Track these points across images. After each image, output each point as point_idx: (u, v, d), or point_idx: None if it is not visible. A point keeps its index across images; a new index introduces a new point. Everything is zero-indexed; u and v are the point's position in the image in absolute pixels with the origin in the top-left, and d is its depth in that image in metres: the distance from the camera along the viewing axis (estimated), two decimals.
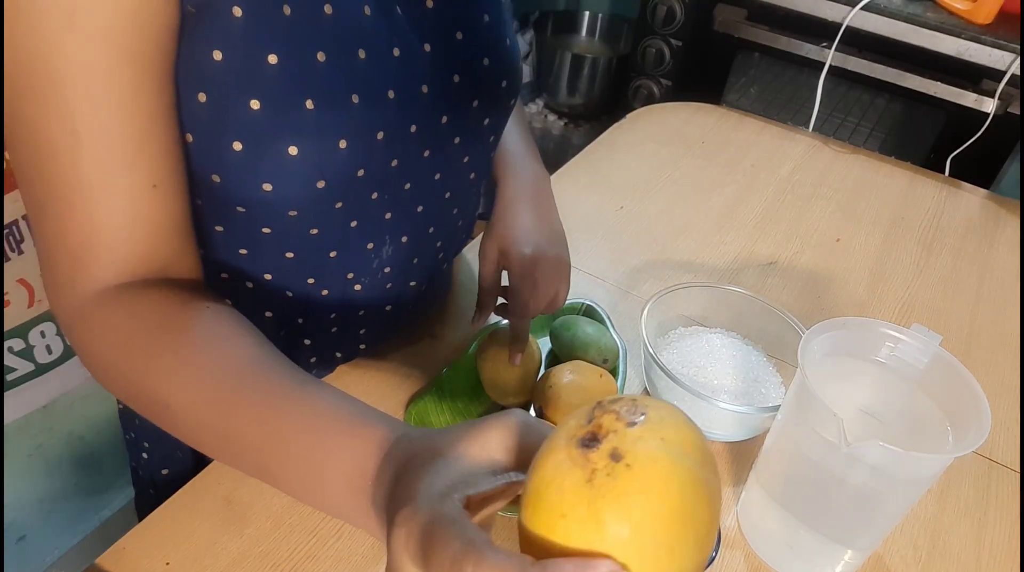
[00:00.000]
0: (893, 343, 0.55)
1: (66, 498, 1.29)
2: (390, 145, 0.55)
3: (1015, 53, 1.32)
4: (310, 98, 0.49)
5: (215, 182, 0.52)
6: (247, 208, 0.54)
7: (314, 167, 0.51)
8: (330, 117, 0.50)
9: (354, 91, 0.51)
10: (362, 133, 0.52)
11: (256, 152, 0.50)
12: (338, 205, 0.56)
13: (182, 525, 0.56)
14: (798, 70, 1.65)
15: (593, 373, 0.65)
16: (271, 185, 0.51)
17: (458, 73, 0.58)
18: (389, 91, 0.53)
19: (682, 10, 1.66)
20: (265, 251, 0.58)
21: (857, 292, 0.89)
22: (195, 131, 0.49)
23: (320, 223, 0.57)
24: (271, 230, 0.56)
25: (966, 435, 0.49)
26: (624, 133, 1.16)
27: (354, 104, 0.51)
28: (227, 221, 0.56)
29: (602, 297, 0.82)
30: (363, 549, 0.56)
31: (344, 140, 0.51)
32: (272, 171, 0.51)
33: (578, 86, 2.00)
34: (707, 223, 0.97)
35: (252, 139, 0.49)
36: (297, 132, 0.49)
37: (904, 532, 0.62)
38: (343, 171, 0.53)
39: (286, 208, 0.54)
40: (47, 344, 1.08)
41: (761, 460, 0.59)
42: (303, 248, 0.58)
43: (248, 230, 0.56)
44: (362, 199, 0.57)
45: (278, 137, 0.49)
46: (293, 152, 0.50)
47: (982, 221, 1.06)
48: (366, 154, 0.54)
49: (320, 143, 0.51)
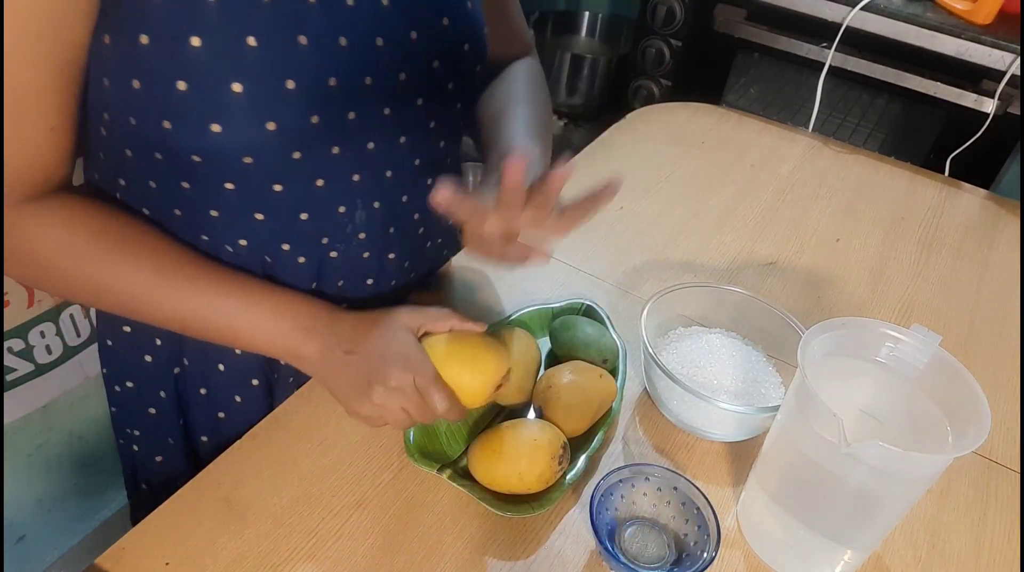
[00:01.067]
0: (893, 343, 0.55)
1: (66, 498, 1.29)
2: (344, 94, 0.55)
3: (1015, 53, 1.32)
4: (252, 35, 0.50)
5: (167, 129, 0.52)
6: (202, 156, 0.54)
7: (261, 107, 0.52)
8: (275, 56, 0.51)
9: (301, 33, 0.51)
10: (312, 76, 0.53)
11: (200, 91, 0.50)
12: (296, 155, 0.56)
13: (182, 525, 0.56)
14: (798, 70, 1.65)
15: (593, 373, 0.65)
16: (219, 126, 0.52)
17: (415, 30, 0.58)
18: (340, 38, 0.54)
19: (682, 10, 1.66)
20: (235, 213, 0.59)
21: (857, 292, 0.89)
22: (141, 76, 0.51)
23: (282, 178, 0.57)
24: (234, 186, 0.57)
25: (966, 435, 0.49)
26: (624, 133, 1.16)
27: (302, 45, 0.52)
28: (190, 175, 0.57)
29: (602, 297, 0.82)
30: (363, 549, 0.56)
31: (292, 81, 0.52)
32: (218, 111, 0.51)
33: (578, 86, 2.00)
34: (707, 223, 0.97)
35: (195, 78, 0.50)
36: (240, 70, 0.50)
37: (904, 532, 0.62)
38: (293, 114, 0.53)
39: (239, 154, 0.54)
40: (47, 344, 1.08)
41: (761, 460, 0.59)
42: (271, 208, 0.59)
43: (212, 186, 0.57)
44: (322, 154, 0.57)
45: (221, 75, 0.50)
46: (237, 90, 0.50)
47: (982, 221, 1.06)
48: (318, 99, 0.54)
49: (265, 81, 0.51)
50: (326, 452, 0.62)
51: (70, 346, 1.12)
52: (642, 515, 0.60)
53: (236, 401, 0.71)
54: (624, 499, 0.59)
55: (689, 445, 0.67)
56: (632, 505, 0.60)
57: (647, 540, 0.59)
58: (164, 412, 0.73)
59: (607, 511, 0.58)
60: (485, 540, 0.58)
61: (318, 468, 0.61)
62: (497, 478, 0.58)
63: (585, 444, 0.63)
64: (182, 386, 0.71)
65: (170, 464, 0.77)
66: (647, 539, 0.59)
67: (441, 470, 0.59)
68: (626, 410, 0.70)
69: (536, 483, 0.58)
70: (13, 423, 1.12)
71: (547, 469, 0.58)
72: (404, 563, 0.56)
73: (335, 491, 0.60)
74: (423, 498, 0.60)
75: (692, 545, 0.56)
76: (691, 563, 0.55)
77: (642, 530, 0.59)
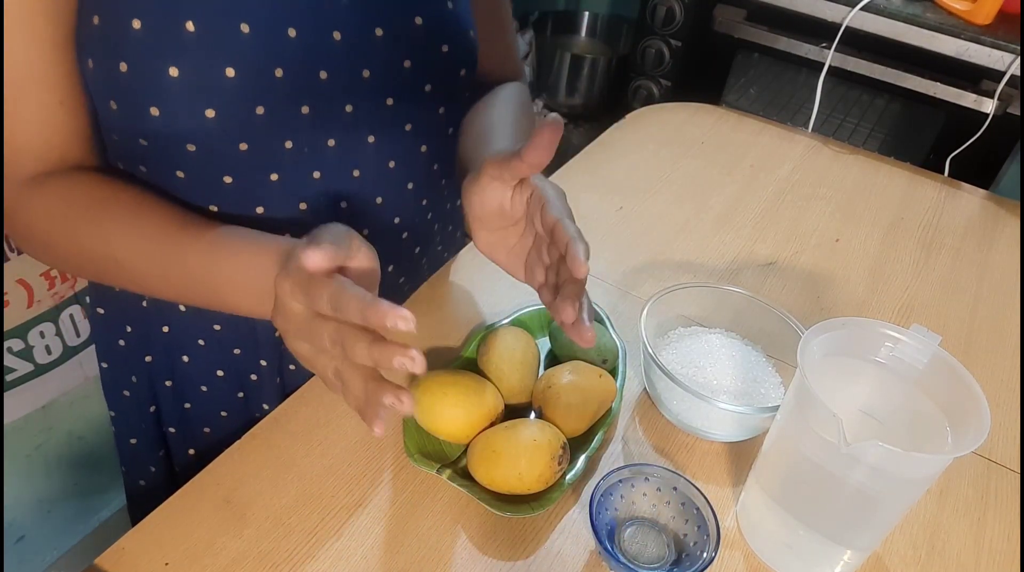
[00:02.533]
0: (892, 343, 0.55)
1: (65, 498, 1.29)
2: (294, 87, 0.54)
3: (1014, 54, 1.32)
4: (191, 19, 0.50)
5: (113, 109, 0.53)
6: (147, 140, 0.55)
7: (198, 92, 0.51)
8: (213, 41, 0.50)
9: (243, 20, 0.51)
10: (254, 65, 0.52)
11: (139, 73, 0.51)
12: (242, 146, 0.55)
13: (181, 525, 0.56)
14: (797, 70, 1.65)
15: (592, 373, 0.65)
16: (157, 109, 0.52)
17: (380, 26, 0.57)
18: (289, 29, 0.53)
19: (682, 10, 1.66)
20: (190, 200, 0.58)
21: (856, 292, 0.89)
22: (93, 56, 0.52)
23: (231, 169, 0.57)
24: (184, 174, 0.57)
25: (965, 435, 0.49)
26: (623, 133, 1.16)
27: (243, 33, 0.51)
28: (143, 159, 0.57)
29: (601, 297, 0.82)
30: (363, 549, 0.56)
31: (232, 68, 0.51)
32: (156, 94, 0.51)
33: (577, 86, 2.00)
34: (706, 223, 0.97)
35: (135, 60, 0.50)
36: (177, 53, 0.50)
37: (903, 532, 0.62)
38: (234, 102, 0.53)
39: (181, 140, 0.54)
40: (46, 344, 1.08)
41: (760, 460, 0.59)
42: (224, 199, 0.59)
43: (164, 172, 0.57)
44: (274, 146, 0.57)
45: (158, 58, 0.50)
46: (173, 73, 0.50)
47: (981, 221, 1.06)
48: (262, 90, 0.53)
49: (202, 67, 0.51)
50: (326, 452, 0.62)
51: (70, 346, 1.12)
52: (642, 515, 0.60)
53: (202, 391, 0.71)
54: (624, 499, 0.59)
55: (689, 445, 0.67)
56: (632, 505, 0.60)
57: (647, 540, 0.59)
58: (136, 396, 0.73)
59: (607, 511, 0.58)
60: (485, 540, 0.58)
61: (318, 468, 0.61)
62: (497, 478, 0.58)
63: (585, 444, 0.63)
64: (152, 374, 0.71)
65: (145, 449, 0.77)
66: (647, 539, 0.59)
67: (441, 470, 0.59)
68: (626, 410, 0.70)
69: (536, 483, 0.58)
70: (13, 423, 1.12)
71: (547, 469, 0.58)
72: (404, 563, 0.56)
73: (335, 491, 0.60)
74: (422, 498, 0.60)
75: (692, 545, 0.56)
76: (691, 563, 0.55)
77: (642, 530, 0.59)
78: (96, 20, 0.50)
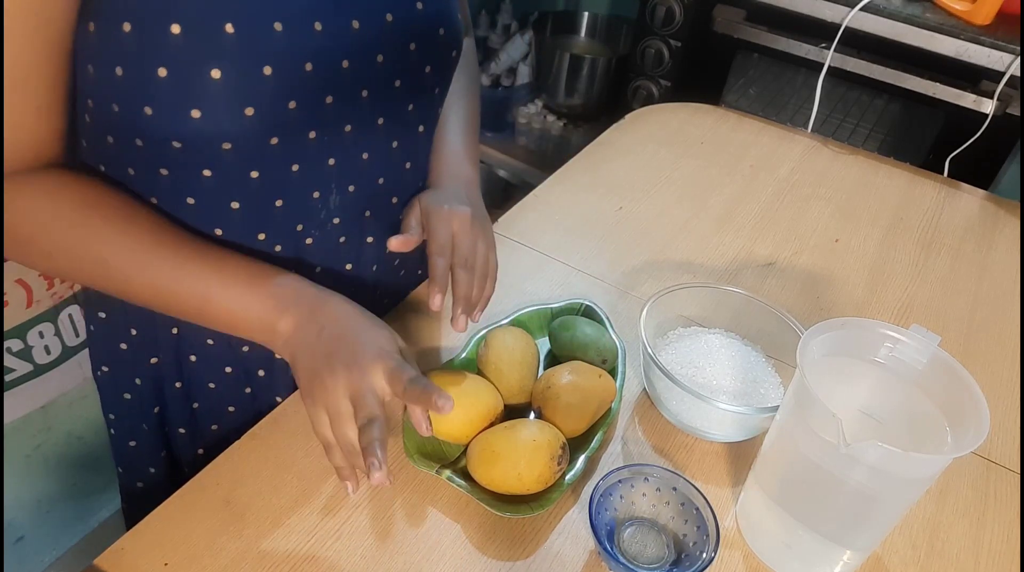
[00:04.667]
0: (892, 343, 0.55)
1: (64, 499, 1.29)
2: (321, 78, 0.56)
3: (1014, 54, 1.32)
4: (230, 21, 0.50)
5: (148, 115, 0.53)
6: (182, 142, 0.55)
7: (239, 92, 0.52)
8: (251, 41, 0.51)
9: (277, 18, 0.52)
10: (288, 61, 0.53)
11: (180, 77, 0.51)
12: (273, 141, 0.56)
13: (180, 526, 0.56)
14: (797, 71, 1.65)
15: (592, 373, 0.65)
16: (199, 111, 0.52)
17: (391, 11, 0.59)
18: (315, 22, 0.54)
19: (681, 11, 1.66)
20: (212, 200, 0.59)
21: (856, 293, 0.89)
22: (123, 63, 0.52)
23: (259, 164, 0.58)
24: (211, 173, 0.57)
25: (965, 435, 0.49)
26: (623, 134, 1.16)
27: (277, 31, 0.52)
28: (169, 162, 0.57)
29: (601, 297, 0.82)
30: (362, 550, 0.56)
31: (269, 66, 0.52)
32: (197, 96, 0.52)
33: (577, 87, 1.99)
34: (706, 223, 0.97)
35: (175, 64, 0.51)
36: (218, 55, 0.51)
37: (903, 532, 0.62)
38: (271, 99, 0.54)
39: (219, 139, 0.55)
40: (45, 344, 1.08)
41: (760, 461, 0.59)
42: (247, 195, 0.59)
43: (190, 173, 0.57)
44: (299, 138, 0.58)
45: (200, 61, 0.51)
46: (216, 75, 0.51)
47: (981, 222, 1.06)
48: (294, 84, 0.54)
49: (243, 67, 0.52)
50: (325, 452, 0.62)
51: (69, 346, 1.12)
52: (641, 515, 0.60)
53: (210, 387, 0.71)
54: (623, 499, 0.59)
55: (688, 445, 0.67)
56: (631, 505, 0.60)
57: (646, 540, 0.59)
58: (139, 399, 0.73)
59: (606, 511, 0.58)
60: (484, 541, 0.58)
61: (317, 468, 0.61)
62: (496, 478, 0.58)
63: (584, 444, 0.63)
64: (159, 376, 0.71)
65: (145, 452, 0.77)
66: (646, 539, 0.59)
67: (440, 470, 0.59)
68: (625, 410, 0.70)
69: (535, 483, 0.58)
70: (12, 423, 1.12)
71: (546, 469, 0.58)
72: (403, 563, 0.55)
73: (334, 491, 0.60)
74: (422, 499, 0.60)
75: (691, 545, 0.56)
76: (690, 563, 0.55)
77: (641, 530, 0.59)
78: (127, 27, 0.50)
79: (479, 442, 0.60)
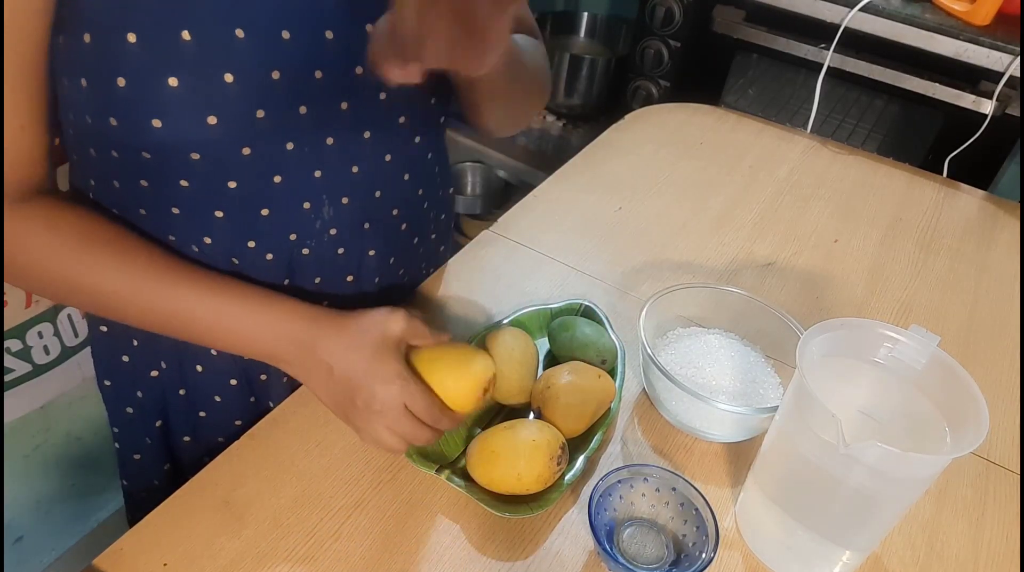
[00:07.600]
0: (891, 344, 0.55)
1: (64, 499, 1.29)
2: (291, 88, 0.55)
3: (1013, 54, 1.32)
4: (186, 29, 0.50)
5: (113, 126, 0.53)
6: (150, 153, 0.55)
7: (199, 101, 0.52)
8: (210, 49, 0.51)
9: (238, 26, 0.51)
10: (251, 69, 0.52)
11: (138, 87, 0.51)
12: (245, 151, 0.56)
13: (180, 526, 0.56)
14: (796, 71, 1.65)
15: (591, 374, 0.65)
16: (159, 121, 0.52)
17: (370, 23, 0.57)
18: (283, 31, 0.53)
19: (681, 11, 1.66)
20: (195, 210, 0.59)
21: (855, 293, 0.89)
22: (87, 74, 0.51)
23: (235, 174, 0.57)
24: (188, 183, 0.57)
25: (964, 436, 0.49)
26: (622, 134, 1.16)
27: (239, 39, 0.51)
28: (146, 173, 0.57)
29: (600, 298, 0.82)
30: (361, 550, 0.56)
31: (230, 74, 0.52)
32: (157, 106, 0.51)
33: (576, 87, 1.99)
34: (705, 224, 0.97)
35: (133, 74, 0.50)
36: (175, 64, 0.50)
37: (902, 533, 0.62)
38: (235, 107, 0.53)
39: (185, 149, 0.54)
40: (44, 345, 1.08)
41: (759, 461, 0.59)
42: (229, 205, 0.59)
43: (167, 183, 0.57)
44: (275, 149, 0.57)
45: (156, 69, 0.50)
46: (173, 84, 0.51)
47: (980, 222, 1.06)
48: (260, 92, 0.54)
49: (201, 75, 0.51)
50: (324, 452, 0.62)
51: (68, 347, 1.12)
52: (641, 516, 0.60)
53: (216, 400, 0.71)
54: (623, 500, 0.59)
55: (688, 446, 0.67)
56: (631, 506, 0.60)
57: (645, 541, 0.59)
58: (141, 412, 0.73)
59: (605, 512, 0.58)
60: (483, 541, 0.58)
61: (316, 468, 0.61)
62: (495, 479, 0.58)
63: (584, 445, 0.63)
64: (160, 388, 0.71)
65: (149, 464, 0.77)
66: (646, 540, 0.59)
67: (439, 471, 0.59)
68: (625, 411, 0.70)
69: (534, 484, 0.58)
70: (11, 423, 1.11)
71: (545, 470, 0.58)
72: (402, 564, 0.55)
73: (333, 492, 0.60)
74: (421, 499, 0.60)
75: (691, 546, 0.56)
76: (689, 564, 0.55)
77: (641, 531, 0.59)
78: (87, 38, 0.50)
79: (478, 442, 0.60)
